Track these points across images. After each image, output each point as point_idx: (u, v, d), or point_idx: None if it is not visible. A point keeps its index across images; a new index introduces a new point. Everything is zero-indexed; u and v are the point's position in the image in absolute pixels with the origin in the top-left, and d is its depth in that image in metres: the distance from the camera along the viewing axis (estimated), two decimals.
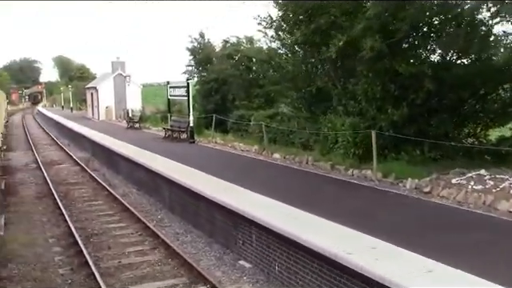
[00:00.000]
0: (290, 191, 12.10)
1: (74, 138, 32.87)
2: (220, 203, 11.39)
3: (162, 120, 32.91)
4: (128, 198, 16.17)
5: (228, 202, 11.15)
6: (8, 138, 37.15)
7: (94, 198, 16.29)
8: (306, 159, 16.09)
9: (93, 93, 44.43)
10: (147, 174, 16.76)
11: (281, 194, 11.36)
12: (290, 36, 18.92)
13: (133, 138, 24.65)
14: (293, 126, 18.97)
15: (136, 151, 20.11)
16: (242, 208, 10.46)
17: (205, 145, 21.35)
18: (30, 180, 19.67)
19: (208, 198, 12.00)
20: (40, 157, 26.07)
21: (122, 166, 20.05)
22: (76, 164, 23.42)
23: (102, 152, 23.91)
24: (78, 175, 20.62)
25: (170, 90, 27.95)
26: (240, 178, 13.41)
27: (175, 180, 14.19)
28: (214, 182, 13.45)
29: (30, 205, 15.26)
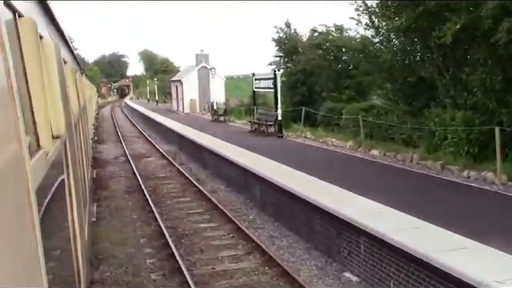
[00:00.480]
0: (400, 195, 10.71)
1: (160, 130, 33.23)
2: (320, 206, 10.30)
3: (247, 113, 32.32)
4: (216, 194, 15.53)
5: (329, 205, 10.04)
6: (99, 130, 38.42)
7: (182, 194, 15.83)
8: (410, 157, 14.53)
9: (177, 86, 44.98)
10: (236, 170, 16.03)
11: (390, 198, 10.05)
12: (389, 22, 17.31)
13: (218, 132, 24.19)
14: (391, 119, 17.39)
15: (223, 146, 19.50)
16: (348, 214, 9.31)
17: (294, 139, 20.33)
18: (119, 173, 19.72)
19: (305, 200, 10.96)
20: (128, 149, 26.40)
21: (209, 161, 19.54)
22: (163, 157, 23.35)
23: (188, 145, 23.66)
24: (165, 169, 20.42)
25: (256, 81, 27.20)
26: (338, 178, 12.22)
27: (267, 178, 13.29)
28: (310, 181, 12.38)
29: (121, 200, 15.06)
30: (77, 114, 5.80)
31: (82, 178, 5.33)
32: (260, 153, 16.91)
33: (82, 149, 6.72)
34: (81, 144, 6.30)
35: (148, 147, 27.85)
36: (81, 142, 6.39)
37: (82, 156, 6.14)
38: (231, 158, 16.64)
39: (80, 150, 5.80)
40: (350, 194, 10.77)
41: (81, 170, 5.36)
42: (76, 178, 3.96)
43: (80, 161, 5.39)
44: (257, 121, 23.73)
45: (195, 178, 17.94)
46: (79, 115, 6.68)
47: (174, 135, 28.12)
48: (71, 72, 5.72)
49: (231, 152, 17.73)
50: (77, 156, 4.64)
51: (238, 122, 29.51)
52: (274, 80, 24.52)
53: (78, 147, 5.11)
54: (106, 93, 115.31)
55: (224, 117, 30.20)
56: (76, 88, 6.66)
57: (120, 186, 17.09)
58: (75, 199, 3.51)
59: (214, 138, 22.32)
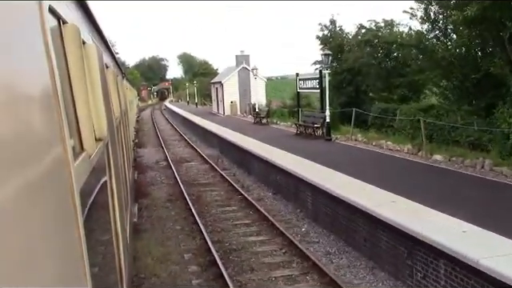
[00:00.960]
0: (482, 209, 9.28)
1: (201, 133, 32.49)
2: (385, 220, 9.06)
3: (290, 115, 31.17)
4: (264, 203, 14.46)
5: (397, 219, 8.79)
6: (139, 133, 38.12)
7: (227, 202, 14.83)
8: (481, 163, 12.99)
9: (217, 87, 44.21)
10: (284, 176, 14.91)
11: (470, 212, 8.69)
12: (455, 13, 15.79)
13: (262, 135, 23.13)
14: (454, 120, 15.85)
15: (268, 150, 18.41)
16: (421, 231, 8.04)
17: (344, 143, 19.04)
18: (161, 179, 18.94)
19: (367, 213, 9.74)
20: (169, 153, 25.71)
21: (254, 166, 18.50)
22: (205, 162, 22.48)
23: (230, 149, 22.72)
24: (207, 174, 19.51)
25: (300, 82, 26.01)
26: (402, 187, 10.91)
27: (319, 185, 12.12)
28: (370, 190, 11.13)
29: (163, 209, 14.19)
30: (118, 117, 5.88)
31: (123, 180, 5.41)
32: (309, 157, 15.73)
33: (124, 151, 6.83)
34: (122, 146, 6.41)
35: (189, 151, 27.10)
36: (122, 144, 6.50)
37: (123, 158, 6.21)
38: (278, 163, 15.54)
39: (122, 152, 5.91)
40: (419, 207, 9.46)
41: (122, 171, 5.47)
42: (118, 179, 4.02)
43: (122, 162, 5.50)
44: (303, 123, 22.50)
45: (240, 184, 16.93)
46: (121, 118, 6.78)
47: (215, 138, 27.27)
48: (113, 76, 5.85)
49: (278, 157, 16.63)
50: (118, 158, 4.70)
51: (281, 125, 28.35)
52: (319, 80, 23.30)
53: (119, 149, 5.22)
54: (147, 96, 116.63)
55: (267, 119, 29.07)
56: (117, 92, 6.79)
57: (161, 194, 16.26)
58: (117, 200, 3.56)
59: (258, 141, 21.27)
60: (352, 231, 10.50)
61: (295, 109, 28.04)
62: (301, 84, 25.88)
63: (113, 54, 7.44)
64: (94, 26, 3.81)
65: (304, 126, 22.06)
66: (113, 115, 4.36)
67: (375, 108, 21.96)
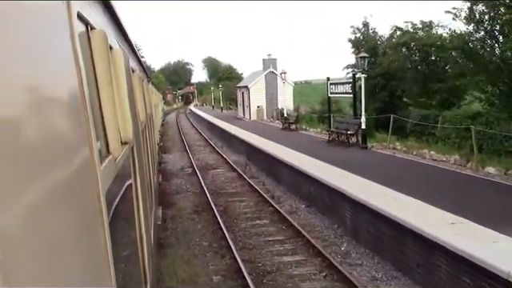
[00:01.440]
0: None
1: (227, 138, 31.57)
2: (444, 245, 7.88)
3: (319, 120, 29.99)
4: (297, 216, 13.36)
5: (458, 245, 7.61)
6: (164, 137, 37.45)
7: (257, 214, 13.77)
8: None
9: (243, 92, 43.25)
10: (319, 187, 13.78)
11: None
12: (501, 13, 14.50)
13: (292, 142, 22.02)
14: (506, 129, 14.47)
15: (299, 158, 17.30)
16: (489, 261, 6.86)
17: (381, 151, 17.79)
18: (186, 187, 18.01)
19: (420, 234, 8.56)
20: (195, 159, 24.83)
21: (284, 175, 17.40)
22: (232, 169, 21.49)
23: (258, 156, 21.67)
24: (235, 183, 18.49)
25: (331, 86, 24.81)
26: (457, 205, 9.68)
27: (359, 199, 10.97)
28: (420, 207, 9.93)
29: (189, 222, 13.22)
30: (144, 120, 5.86)
31: (148, 183, 5.43)
32: (344, 167, 14.57)
33: (149, 154, 6.86)
34: (147, 150, 6.43)
35: (215, 157, 26.16)
36: (147, 147, 6.52)
37: (148, 161, 6.20)
38: (312, 173, 14.42)
39: (147, 155, 5.91)
40: (484, 231, 8.23)
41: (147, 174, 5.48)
42: (143, 182, 4.04)
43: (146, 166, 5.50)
44: (335, 129, 21.29)
45: (270, 194, 15.87)
46: (146, 122, 6.78)
47: (241, 144, 26.29)
48: (139, 80, 5.86)
49: (310, 165, 15.51)
50: (143, 161, 4.71)
51: (311, 131, 27.17)
52: (353, 84, 22.10)
53: (144, 153, 5.24)
54: (172, 100, 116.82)
55: (295, 125, 27.92)
56: (143, 96, 6.78)
57: (187, 204, 15.30)
58: (142, 203, 3.58)
59: (288, 148, 20.18)
60: (401, 254, 9.33)
61: (325, 114, 26.81)
62: (332, 89, 24.69)
63: (138, 58, 7.42)
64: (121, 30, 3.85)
65: (337, 133, 20.86)
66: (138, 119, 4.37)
67: (414, 114, 20.59)
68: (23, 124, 0.96)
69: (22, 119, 0.96)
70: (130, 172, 3.14)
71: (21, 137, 0.94)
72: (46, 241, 0.96)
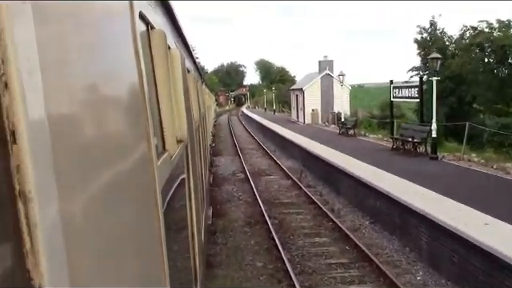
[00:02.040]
0: None
1: (280, 142, 30.34)
2: None
3: (379, 126, 28.22)
4: (361, 234, 11.93)
5: None
6: (216, 140, 36.71)
7: (316, 230, 12.43)
8: None
9: (298, 94, 41.82)
10: (386, 202, 12.29)
11: None
12: None
13: (351, 148, 20.48)
14: None
15: (363, 167, 15.80)
16: None
17: (454, 163, 15.97)
18: (238, 195, 16.90)
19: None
20: (247, 164, 23.74)
21: (344, 185, 15.96)
22: (286, 176, 20.21)
23: (314, 163, 20.29)
24: (290, 192, 17.20)
25: (395, 90, 23.05)
26: None
27: (443, 223, 9.40)
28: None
29: (240, 235, 12.06)
30: (197, 120, 5.95)
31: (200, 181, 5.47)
32: (414, 180, 12.99)
33: (201, 154, 6.90)
34: (200, 149, 6.47)
35: (268, 162, 24.97)
36: (200, 147, 6.56)
37: (201, 160, 6.23)
38: (376, 185, 12.95)
39: (199, 154, 5.95)
40: None
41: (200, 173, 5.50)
42: (195, 179, 4.10)
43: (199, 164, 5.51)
44: (399, 137, 19.56)
45: (329, 207, 14.48)
46: (199, 122, 6.87)
47: (296, 149, 24.98)
48: (193, 81, 5.97)
49: (375, 176, 14.01)
50: (196, 160, 4.80)
51: (370, 137, 25.43)
52: (419, 88, 20.30)
53: (197, 152, 5.31)
54: (224, 101, 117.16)
55: (354, 130, 26.25)
56: (197, 96, 6.89)
57: (239, 214, 14.17)
58: (194, 199, 3.59)
59: (347, 155, 18.70)
60: None
61: (386, 120, 25.06)
62: (395, 92, 22.91)
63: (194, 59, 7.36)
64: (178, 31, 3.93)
65: (401, 141, 19.11)
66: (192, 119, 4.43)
67: (492, 123, 18.54)
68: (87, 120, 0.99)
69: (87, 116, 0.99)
70: (184, 169, 3.19)
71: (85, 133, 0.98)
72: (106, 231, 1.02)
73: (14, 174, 0.67)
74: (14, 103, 0.66)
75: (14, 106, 0.66)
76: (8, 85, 0.66)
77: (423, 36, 26.49)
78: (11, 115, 0.66)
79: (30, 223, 0.67)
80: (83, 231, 0.87)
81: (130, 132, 1.37)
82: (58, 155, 0.77)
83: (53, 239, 0.72)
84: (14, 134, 0.66)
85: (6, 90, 0.66)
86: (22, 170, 0.67)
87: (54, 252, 0.72)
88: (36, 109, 0.72)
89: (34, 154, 0.69)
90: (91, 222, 0.91)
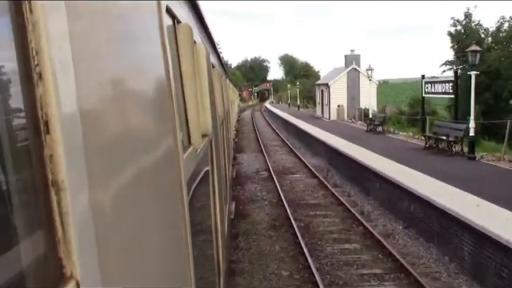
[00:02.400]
0: None
1: (305, 139, 29.48)
2: None
3: (409, 123, 27.09)
4: (394, 242, 11.07)
5: None
6: (239, 136, 36.06)
7: (345, 235, 11.62)
8: None
9: (323, 90, 40.76)
10: (421, 206, 11.39)
11: None
12: None
13: (380, 147, 19.53)
14: None
15: (394, 167, 14.89)
16: None
17: (494, 163, 14.91)
18: (261, 195, 16.16)
19: None
20: (271, 161, 22.98)
21: (373, 186, 15.06)
22: (312, 175, 19.38)
23: (341, 161, 19.41)
24: (316, 192, 16.38)
25: (426, 85, 21.97)
26: None
27: (490, 233, 8.47)
28: None
29: (265, 240, 11.33)
30: (221, 115, 6.14)
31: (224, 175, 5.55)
32: (452, 182, 12.05)
33: (225, 148, 6.93)
34: (224, 144, 6.52)
35: (292, 159, 24.15)
36: (224, 141, 6.60)
37: (224, 155, 6.31)
38: (410, 187, 12.07)
39: (223, 149, 6.01)
40: None
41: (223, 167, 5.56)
42: (219, 174, 4.13)
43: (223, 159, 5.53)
44: (433, 135, 18.49)
45: (358, 209, 13.63)
46: (223, 117, 6.98)
47: (321, 146, 24.11)
48: (218, 76, 6.08)
49: (408, 178, 13.10)
50: (220, 154, 4.81)
51: (400, 134, 24.36)
52: (454, 83, 19.22)
53: (221, 146, 5.35)
54: (247, 96, 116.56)
55: (382, 127, 25.17)
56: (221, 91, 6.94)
57: (263, 216, 13.43)
58: (217, 194, 3.63)
59: (376, 154, 17.78)
60: None
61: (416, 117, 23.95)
62: (427, 88, 21.83)
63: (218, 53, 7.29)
64: (203, 26, 3.96)
65: (435, 139, 18.07)
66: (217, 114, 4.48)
67: None
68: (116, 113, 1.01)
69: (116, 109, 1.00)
70: (208, 163, 3.23)
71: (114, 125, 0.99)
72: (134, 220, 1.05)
73: (47, 164, 0.68)
74: (48, 94, 0.68)
75: (48, 97, 0.68)
76: (42, 75, 0.67)
77: (457, 29, 25.22)
78: (45, 106, 0.68)
79: (61, 212, 0.69)
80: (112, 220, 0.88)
81: (157, 126, 1.40)
82: (89, 146, 0.78)
83: (84, 228, 0.73)
84: (47, 124, 0.68)
85: (40, 81, 0.67)
86: (54, 159, 0.68)
87: (84, 241, 0.73)
88: (68, 100, 0.73)
89: (67, 144, 0.70)
90: (120, 211, 0.94)
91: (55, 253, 0.68)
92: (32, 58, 0.66)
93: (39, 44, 0.66)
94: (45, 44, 0.66)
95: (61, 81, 0.69)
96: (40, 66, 0.66)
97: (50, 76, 0.67)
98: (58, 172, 0.68)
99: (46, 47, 0.66)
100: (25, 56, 0.66)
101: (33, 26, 0.66)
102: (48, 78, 0.67)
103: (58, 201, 0.68)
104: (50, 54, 0.67)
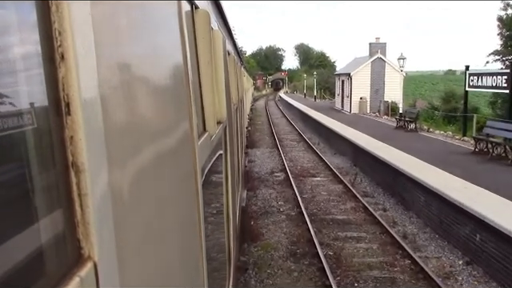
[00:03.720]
0: None
1: (324, 134, 26.57)
2: None
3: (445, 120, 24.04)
4: (457, 285, 8.19)
5: None
6: (252, 127, 33.25)
7: (388, 271, 8.78)
8: None
9: (344, 80, 37.62)
10: (494, 238, 8.51)
11: None
12: None
13: (417, 148, 16.60)
14: None
15: (443, 178, 12.01)
16: None
17: None
18: (277, 205, 13.35)
19: None
20: (287, 160, 20.16)
21: (417, 200, 12.18)
22: (336, 179, 16.53)
23: (370, 164, 16.54)
24: (344, 203, 13.53)
25: (472, 78, 18.90)
26: None
27: None
28: None
29: (282, 276, 8.52)
30: (236, 103, 5.97)
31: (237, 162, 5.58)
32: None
33: (238, 136, 7.02)
34: (237, 131, 6.58)
35: (311, 158, 21.27)
36: (237, 129, 6.67)
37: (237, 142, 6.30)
38: (470, 208, 9.20)
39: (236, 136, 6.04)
40: None
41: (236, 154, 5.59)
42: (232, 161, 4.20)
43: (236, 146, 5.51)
44: (484, 136, 15.47)
45: (399, 231, 10.83)
46: (238, 105, 6.97)
47: (343, 143, 21.24)
48: (233, 63, 6.01)
49: (466, 194, 10.22)
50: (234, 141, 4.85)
51: (436, 134, 21.30)
52: (510, 76, 16.14)
53: (235, 134, 5.36)
54: (261, 85, 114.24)
55: (415, 124, 22.06)
56: (236, 79, 6.99)
57: (279, 237, 10.63)
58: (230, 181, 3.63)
59: (414, 157, 14.92)
60: None
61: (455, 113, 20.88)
62: (473, 81, 18.76)
63: (234, 41, 7.32)
64: (220, 12, 3.91)
65: (487, 142, 15.06)
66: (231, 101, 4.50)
67: None
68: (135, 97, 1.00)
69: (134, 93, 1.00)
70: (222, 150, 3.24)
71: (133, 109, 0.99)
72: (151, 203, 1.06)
73: (68, 145, 0.69)
74: (70, 75, 0.68)
75: (70, 78, 0.68)
76: (64, 56, 0.67)
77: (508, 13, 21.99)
78: (66, 87, 0.68)
79: (81, 193, 0.69)
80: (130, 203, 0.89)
81: (174, 111, 1.39)
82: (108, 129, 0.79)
83: (102, 210, 0.74)
84: (68, 105, 0.68)
85: (62, 62, 0.67)
86: (75, 141, 0.69)
87: (103, 222, 0.73)
88: (90, 82, 0.73)
89: (87, 126, 0.70)
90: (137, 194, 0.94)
91: (74, 234, 0.69)
92: (55, 38, 0.66)
93: (62, 25, 0.66)
94: (68, 25, 0.66)
95: (82, 63, 0.69)
96: (62, 46, 0.66)
97: (72, 57, 0.67)
98: (78, 154, 0.68)
99: (69, 28, 0.66)
100: (48, 36, 0.66)
101: (56, 7, 0.66)
102: (70, 59, 0.67)
103: (78, 182, 0.68)
104: (72, 35, 0.67)
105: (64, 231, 0.69)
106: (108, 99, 0.80)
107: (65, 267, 0.68)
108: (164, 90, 1.28)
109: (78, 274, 0.66)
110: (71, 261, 0.68)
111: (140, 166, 0.97)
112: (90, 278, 0.68)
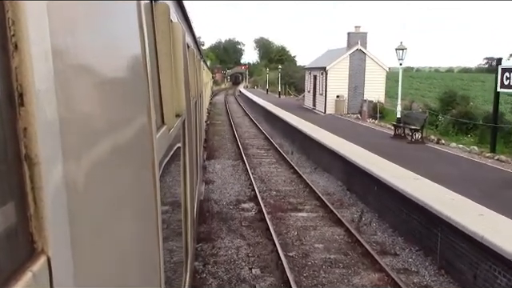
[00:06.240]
0: None
1: (298, 140, 21.56)
2: None
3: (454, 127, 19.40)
4: None
5: None
6: (211, 128, 27.86)
7: None
8: None
9: (316, 75, 32.59)
10: None
11: None
12: None
13: (446, 174, 11.75)
14: None
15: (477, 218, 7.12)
16: None
17: None
18: (250, 277, 8.06)
19: None
20: (257, 180, 15.03)
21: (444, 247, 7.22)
22: (328, 214, 11.54)
23: (376, 191, 11.61)
24: (355, 273, 8.43)
25: (505, 74, 14.20)
26: None
27: None
28: None
29: None
30: (195, 96, 5.93)
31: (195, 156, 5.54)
32: None
33: (197, 130, 6.93)
34: (196, 125, 6.47)
35: (287, 175, 16.14)
36: (196, 123, 6.54)
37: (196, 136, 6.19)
38: None
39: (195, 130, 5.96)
40: None
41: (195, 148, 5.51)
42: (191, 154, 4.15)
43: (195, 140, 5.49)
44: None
45: None
46: (197, 98, 6.91)
47: (325, 154, 16.48)
48: (193, 56, 5.97)
49: None
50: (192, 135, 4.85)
51: (453, 147, 16.42)
52: None
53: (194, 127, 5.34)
54: (220, 79, 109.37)
55: (421, 133, 17.04)
56: (196, 72, 6.81)
57: None
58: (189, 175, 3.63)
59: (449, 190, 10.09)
60: None
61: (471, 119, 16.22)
62: (507, 79, 14.07)
63: (194, 34, 7.24)
64: (179, 5, 3.86)
65: None
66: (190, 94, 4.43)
67: None
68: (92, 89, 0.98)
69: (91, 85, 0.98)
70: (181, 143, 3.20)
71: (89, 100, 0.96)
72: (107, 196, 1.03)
73: (21, 137, 0.67)
74: (23, 65, 0.66)
75: (23, 68, 0.66)
76: (18, 46, 0.66)
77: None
78: (20, 77, 0.66)
79: (34, 187, 0.67)
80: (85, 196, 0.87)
81: (131, 104, 1.37)
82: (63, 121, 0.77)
83: (56, 203, 0.72)
84: (22, 96, 0.67)
85: (15, 52, 0.66)
86: (28, 133, 0.67)
87: (57, 216, 0.72)
88: (44, 73, 0.71)
89: (41, 117, 0.69)
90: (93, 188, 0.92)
91: (26, 228, 0.67)
92: (8, 28, 0.64)
93: (16, 14, 0.64)
94: (22, 14, 0.65)
95: (37, 53, 0.68)
96: (16, 36, 0.65)
97: (26, 47, 0.65)
98: (32, 146, 0.67)
99: (23, 18, 0.65)
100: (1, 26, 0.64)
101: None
102: (24, 49, 0.65)
103: (31, 175, 0.67)
104: (26, 24, 0.65)
105: (16, 225, 0.67)
106: (63, 90, 0.77)
107: (17, 262, 0.66)
108: (121, 81, 1.26)
109: (31, 269, 0.64)
110: (24, 256, 0.66)
111: (96, 159, 0.94)
112: (43, 273, 0.67)
